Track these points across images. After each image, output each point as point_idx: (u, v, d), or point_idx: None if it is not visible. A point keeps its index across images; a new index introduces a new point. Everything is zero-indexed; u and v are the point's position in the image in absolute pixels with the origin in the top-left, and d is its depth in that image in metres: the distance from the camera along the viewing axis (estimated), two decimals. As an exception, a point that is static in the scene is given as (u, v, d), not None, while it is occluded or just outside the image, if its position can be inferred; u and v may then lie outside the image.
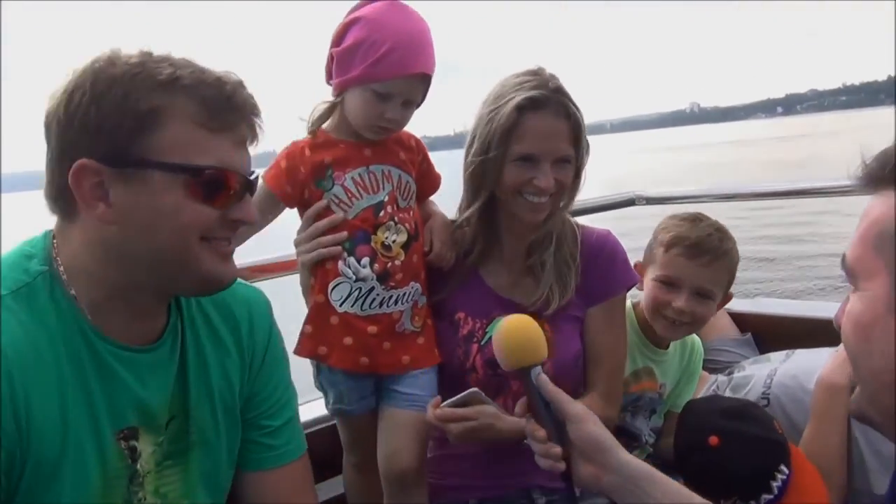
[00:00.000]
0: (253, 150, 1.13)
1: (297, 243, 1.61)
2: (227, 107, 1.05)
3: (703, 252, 1.80)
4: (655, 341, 1.94)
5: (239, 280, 1.26)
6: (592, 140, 1.62)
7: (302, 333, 1.62)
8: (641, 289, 1.93)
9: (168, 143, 1.01)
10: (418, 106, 1.59)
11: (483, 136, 1.56)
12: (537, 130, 1.53)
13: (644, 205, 2.74)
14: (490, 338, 1.60)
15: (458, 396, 1.48)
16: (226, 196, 1.06)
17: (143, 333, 1.12)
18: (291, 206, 1.63)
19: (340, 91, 1.56)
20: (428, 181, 1.72)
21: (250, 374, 1.26)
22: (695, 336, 2.04)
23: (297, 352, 1.60)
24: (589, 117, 1.60)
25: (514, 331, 1.22)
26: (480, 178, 1.59)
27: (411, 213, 1.63)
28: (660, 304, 1.84)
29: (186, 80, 1.02)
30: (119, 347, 1.08)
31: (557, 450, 1.16)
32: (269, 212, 1.62)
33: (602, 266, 1.68)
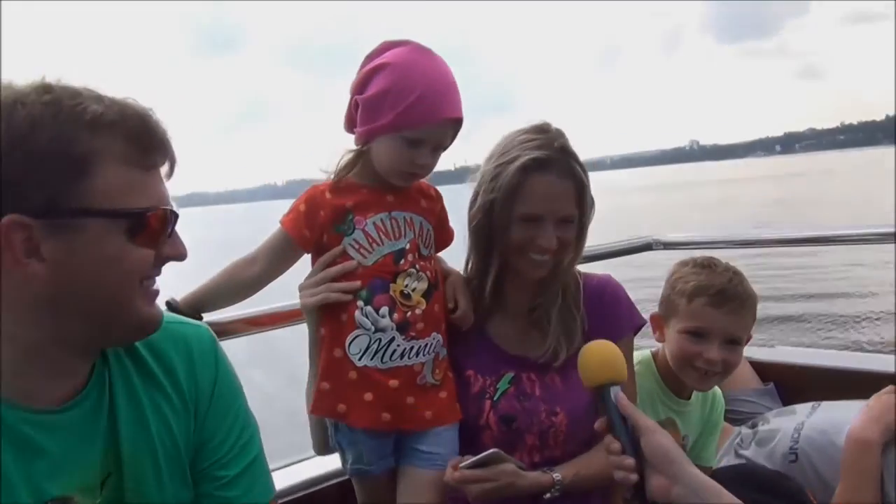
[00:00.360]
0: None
1: (303, 287, 1.56)
2: (154, 142, 1.01)
3: (728, 299, 1.78)
4: (677, 391, 1.90)
5: (175, 317, 1.21)
6: (593, 175, 1.63)
7: (318, 391, 1.54)
8: (661, 340, 1.91)
9: (103, 188, 0.95)
10: (446, 149, 1.58)
11: (487, 193, 1.57)
12: (542, 191, 1.53)
13: (661, 249, 2.72)
14: (502, 393, 1.61)
15: (479, 457, 1.47)
16: (164, 235, 1.03)
17: (63, 391, 1.03)
18: (308, 251, 1.59)
19: (367, 139, 1.53)
20: (442, 234, 1.68)
21: (196, 420, 1.16)
22: (715, 386, 2.00)
23: (313, 411, 1.56)
24: (590, 153, 1.53)
25: (599, 351, 1.30)
26: (486, 235, 1.60)
27: (432, 262, 1.60)
28: (690, 355, 1.80)
29: (111, 117, 0.96)
30: (32, 412, 0.98)
31: (631, 461, 1.18)
32: (285, 260, 1.58)
33: (606, 310, 1.67)
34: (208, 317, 1.55)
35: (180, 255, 1.07)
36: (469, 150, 1.73)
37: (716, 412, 2.01)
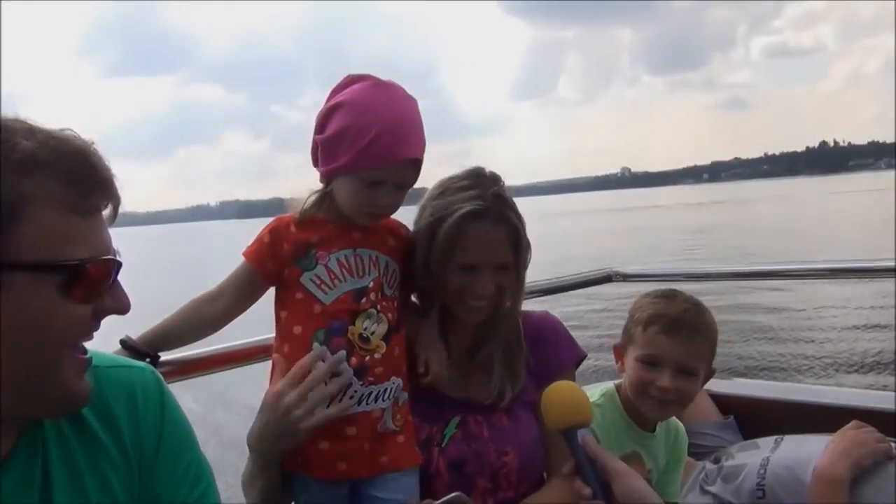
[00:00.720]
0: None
1: (292, 406, 1.36)
2: (93, 183, 0.90)
3: (681, 328, 1.78)
4: (641, 423, 1.88)
5: (118, 360, 1.10)
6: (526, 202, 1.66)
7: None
8: (621, 371, 1.90)
9: (33, 238, 0.84)
10: (410, 187, 1.53)
11: (425, 241, 1.56)
12: (478, 240, 1.53)
13: (621, 282, 2.73)
14: (450, 438, 1.57)
15: (443, 500, 1.40)
16: (101, 285, 0.91)
17: None
18: (270, 284, 1.52)
19: (328, 179, 1.49)
20: (408, 285, 1.61)
21: (141, 476, 1.04)
22: (677, 421, 1.99)
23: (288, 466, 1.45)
24: (524, 178, 1.68)
25: (564, 393, 1.29)
26: (424, 283, 1.59)
27: (394, 303, 1.54)
28: (644, 383, 1.80)
29: (44, 154, 0.85)
30: None
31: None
32: (250, 294, 1.51)
33: (547, 345, 1.69)
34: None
35: (122, 309, 0.96)
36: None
37: (679, 446, 2.00)
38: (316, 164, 1.51)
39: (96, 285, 0.90)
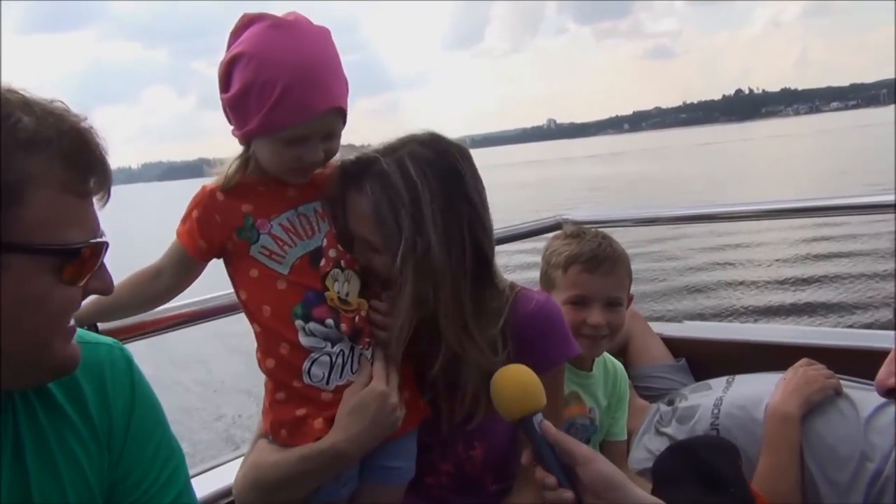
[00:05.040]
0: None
1: (396, 406, 1.34)
2: (89, 162, 0.88)
3: (601, 262, 1.81)
4: (577, 364, 1.88)
5: (87, 336, 1.06)
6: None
7: (296, 420, 1.34)
8: None
9: (32, 220, 0.83)
10: (338, 134, 1.35)
11: None
12: (348, 207, 1.36)
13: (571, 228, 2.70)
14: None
15: None
16: (92, 267, 0.92)
17: None
18: (208, 261, 1.39)
19: (245, 141, 1.33)
20: None
21: (110, 455, 1.03)
22: (613, 359, 2.02)
23: (295, 441, 1.35)
24: (452, 133, 1.39)
25: (512, 379, 1.18)
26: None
27: None
28: (575, 324, 1.79)
29: (46, 133, 0.83)
30: None
31: (570, 494, 1.11)
32: (190, 271, 1.40)
33: (537, 338, 1.46)
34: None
35: (107, 290, 0.97)
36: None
37: (620, 384, 2.01)
38: (231, 124, 1.33)
39: (88, 268, 0.91)
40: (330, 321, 1.33)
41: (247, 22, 1.27)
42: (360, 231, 1.35)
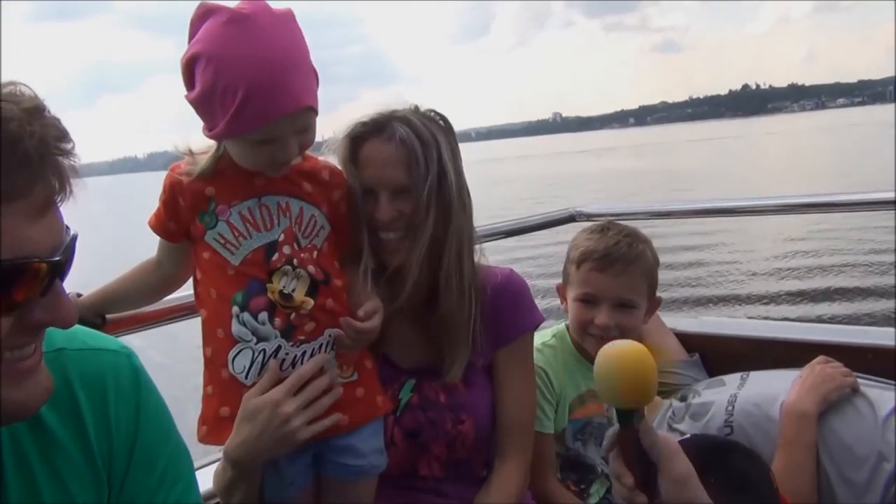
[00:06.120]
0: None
1: (291, 416, 1.27)
2: (15, 162, 0.69)
3: (612, 262, 1.76)
4: (593, 362, 1.88)
5: (92, 338, 0.95)
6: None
7: (217, 419, 1.32)
8: (566, 311, 1.88)
9: None
10: (312, 123, 1.31)
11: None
12: (367, 161, 1.41)
13: (584, 221, 2.68)
14: (405, 404, 1.49)
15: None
16: (24, 293, 0.73)
17: None
18: (178, 243, 1.37)
19: (216, 140, 1.30)
20: (345, 232, 1.40)
21: (110, 489, 0.92)
22: None
23: (210, 441, 1.33)
24: (457, 126, 1.52)
25: (636, 366, 1.09)
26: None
27: (315, 253, 1.34)
28: (584, 322, 1.79)
29: None
30: None
31: (643, 499, 1.07)
32: (182, 261, 1.38)
33: (508, 307, 1.56)
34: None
35: (63, 321, 0.78)
36: (340, 121, 1.49)
37: None
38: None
39: (17, 292, 0.72)
40: (263, 315, 1.29)
41: (202, 14, 1.21)
42: (387, 175, 1.39)
